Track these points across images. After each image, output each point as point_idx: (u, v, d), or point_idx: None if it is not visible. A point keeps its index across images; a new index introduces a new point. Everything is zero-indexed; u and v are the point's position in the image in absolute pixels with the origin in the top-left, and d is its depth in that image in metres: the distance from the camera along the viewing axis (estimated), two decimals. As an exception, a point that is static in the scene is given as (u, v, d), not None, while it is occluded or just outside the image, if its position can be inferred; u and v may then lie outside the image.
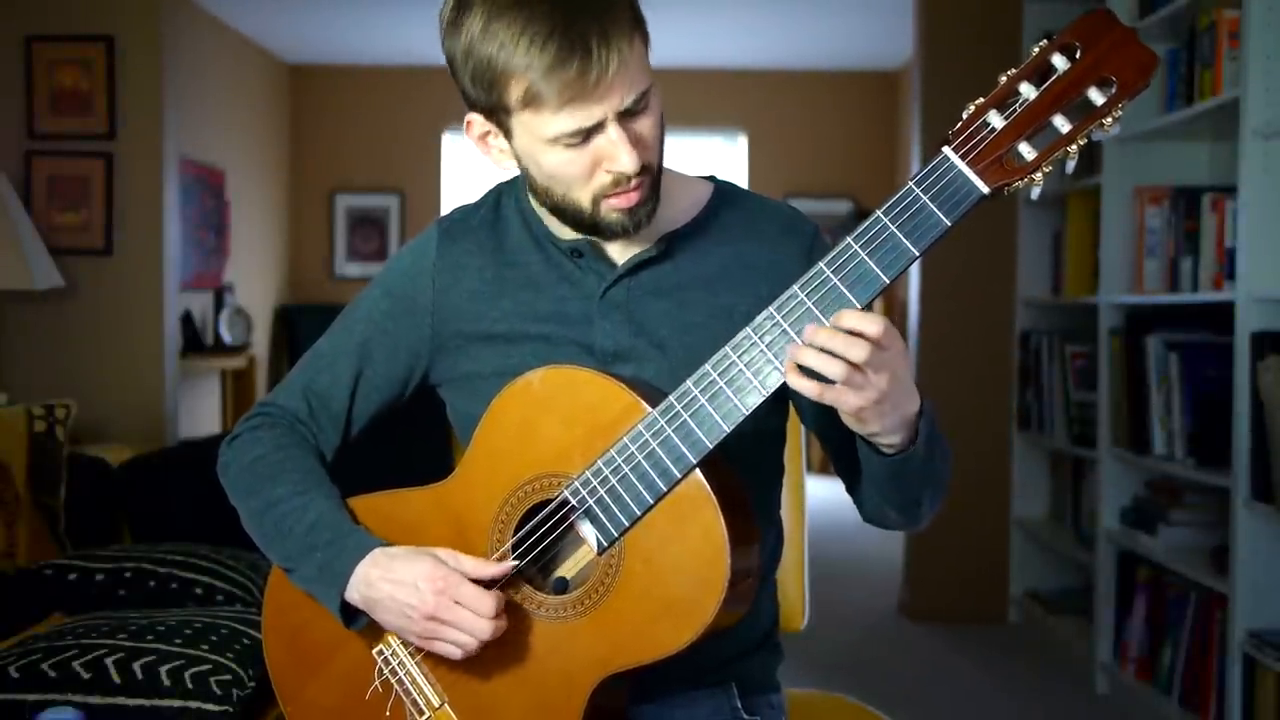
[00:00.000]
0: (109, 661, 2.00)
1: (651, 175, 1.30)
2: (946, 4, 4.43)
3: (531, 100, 1.22)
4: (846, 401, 1.14)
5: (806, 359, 1.13)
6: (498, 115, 1.28)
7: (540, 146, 1.26)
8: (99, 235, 4.05)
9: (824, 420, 1.36)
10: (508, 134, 1.29)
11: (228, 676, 2.01)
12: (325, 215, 8.11)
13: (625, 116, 1.24)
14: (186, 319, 6.07)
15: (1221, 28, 3.01)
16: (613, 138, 1.24)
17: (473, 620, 1.24)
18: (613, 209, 1.29)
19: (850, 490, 1.38)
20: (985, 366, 4.42)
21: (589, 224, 1.31)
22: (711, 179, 1.45)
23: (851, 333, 1.13)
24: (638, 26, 1.24)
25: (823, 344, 1.12)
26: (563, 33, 1.18)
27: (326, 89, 8.03)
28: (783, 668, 1.50)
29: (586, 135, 1.24)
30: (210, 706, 1.98)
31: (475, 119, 1.32)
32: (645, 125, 1.27)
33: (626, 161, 1.24)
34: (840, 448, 1.35)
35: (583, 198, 1.29)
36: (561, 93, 1.20)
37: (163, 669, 2.00)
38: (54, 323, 4.02)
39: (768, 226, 1.40)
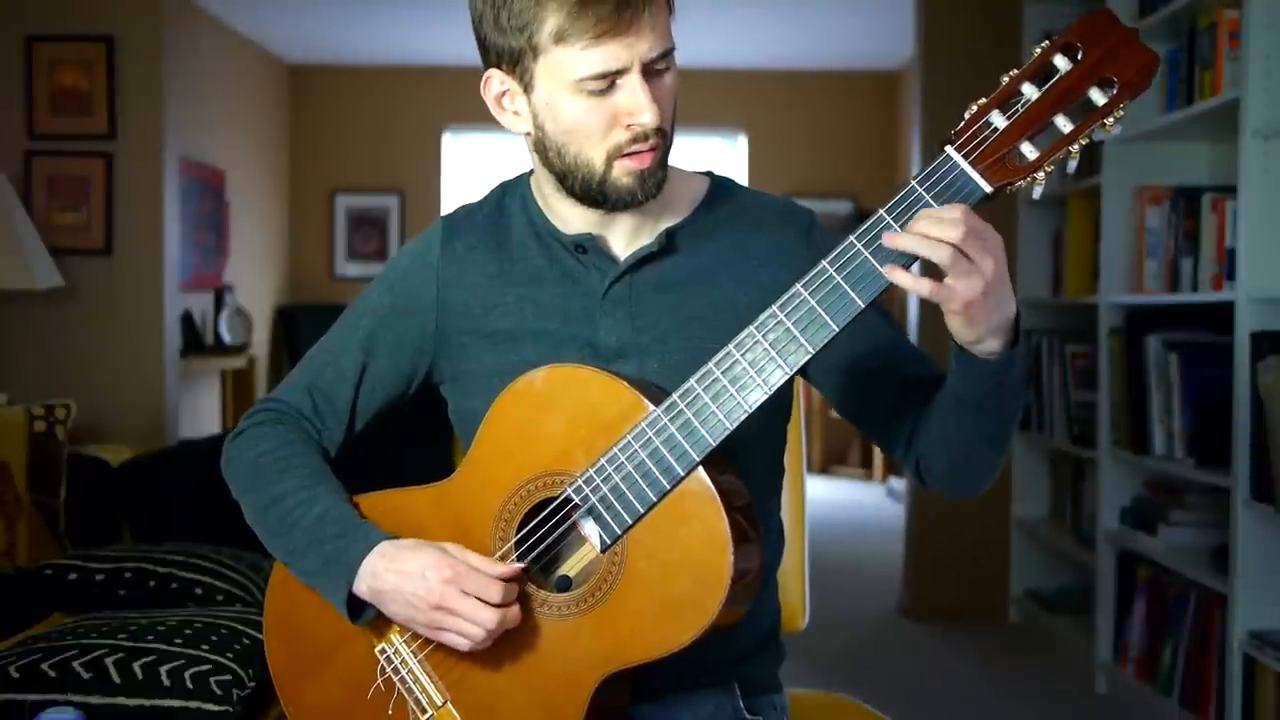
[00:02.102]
0: (109, 661, 2.00)
1: (665, 144, 1.31)
2: (946, 4, 4.43)
3: (563, 35, 1.24)
4: (957, 292, 1.13)
5: (906, 243, 1.13)
6: (523, 63, 1.29)
7: (562, 94, 1.27)
8: (99, 235, 4.05)
9: (865, 392, 1.37)
10: (529, 86, 1.30)
11: (228, 676, 2.01)
12: (325, 215, 8.11)
13: (648, 74, 1.26)
14: (186, 319, 6.07)
15: (1221, 28, 3.01)
16: (635, 87, 1.25)
17: (480, 610, 1.24)
18: (625, 171, 1.29)
19: (909, 453, 1.35)
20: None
21: (598, 188, 1.31)
22: (708, 174, 1.46)
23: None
24: None
25: (922, 230, 1.12)
26: None
27: (326, 89, 8.03)
28: (783, 668, 1.50)
29: (610, 84, 1.25)
30: (210, 706, 1.98)
31: (495, 75, 1.33)
32: (665, 88, 1.29)
33: (647, 115, 1.26)
34: (890, 411, 1.35)
35: (596, 156, 1.29)
36: (594, 27, 1.22)
37: (163, 669, 2.00)
38: (54, 323, 4.02)
39: (764, 216, 1.41)
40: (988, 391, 1.24)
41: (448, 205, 7.90)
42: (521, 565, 1.27)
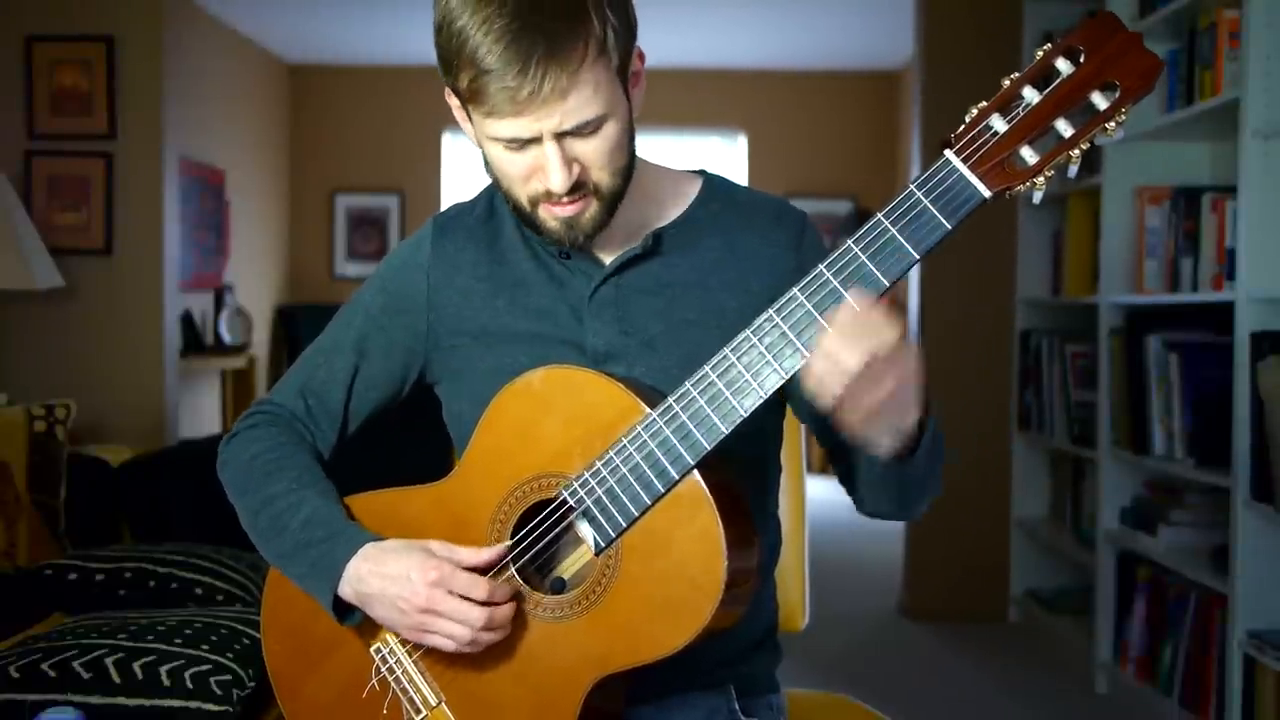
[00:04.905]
0: (109, 661, 2.01)
1: (595, 193, 1.28)
2: (946, 4, 4.43)
3: (473, 96, 1.23)
4: (847, 406, 1.14)
5: (815, 365, 1.13)
6: (458, 96, 1.28)
7: (485, 139, 1.28)
8: (99, 235, 4.05)
9: (819, 415, 1.37)
10: (468, 117, 1.30)
11: (228, 676, 2.01)
12: (325, 215, 8.12)
13: (565, 136, 1.23)
14: (186, 319, 6.07)
15: (1221, 28, 3.01)
16: (547, 153, 1.23)
17: (466, 609, 1.24)
18: (550, 215, 1.29)
19: (844, 483, 1.39)
20: (985, 367, 4.43)
21: (529, 224, 1.32)
22: (701, 172, 1.45)
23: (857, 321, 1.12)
24: (601, 55, 1.21)
25: (826, 350, 1.12)
26: (512, 42, 1.17)
27: (326, 89, 8.03)
28: (783, 668, 1.50)
29: (523, 144, 1.24)
30: (210, 706, 1.98)
31: (451, 95, 1.32)
32: (589, 148, 1.25)
33: (555, 180, 1.24)
34: (837, 442, 1.35)
35: (522, 198, 1.30)
36: (493, 97, 1.20)
37: (163, 669, 2.00)
38: (54, 323, 4.02)
39: (757, 219, 1.41)
40: (881, 479, 1.27)
41: (447, 205, 7.90)
42: (508, 544, 1.26)
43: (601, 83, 1.22)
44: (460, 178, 8.10)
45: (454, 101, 1.31)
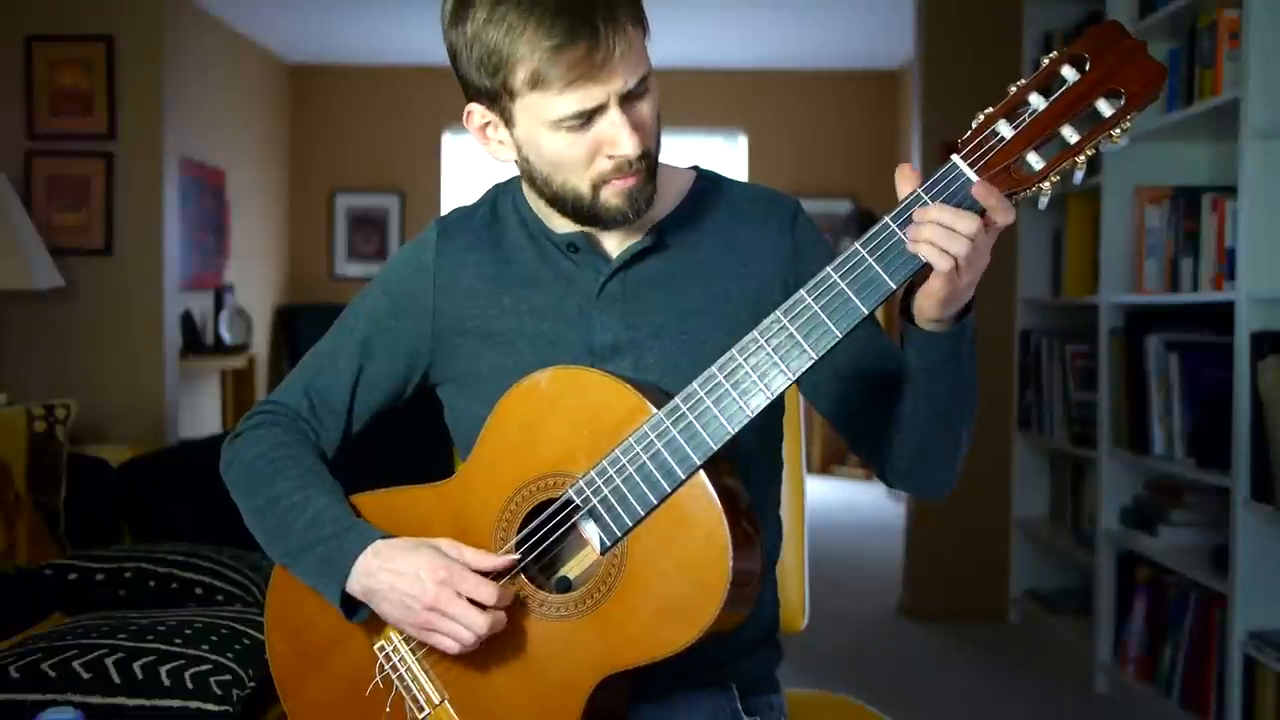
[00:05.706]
0: (109, 661, 2.01)
1: (650, 162, 1.31)
2: (946, 4, 4.43)
3: (537, 81, 1.24)
4: (960, 282, 1.15)
5: (927, 234, 1.13)
6: (501, 102, 1.29)
7: (542, 131, 1.27)
8: (99, 235, 4.05)
9: (845, 394, 1.37)
10: (509, 122, 1.31)
11: (228, 676, 2.02)
12: (325, 215, 8.12)
13: (626, 101, 1.26)
14: (186, 319, 6.07)
15: (1221, 28, 3.01)
16: (614, 121, 1.25)
17: (472, 613, 1.24)
18: (613, 194, 1.30)
19: (877, 456, 1.37)
20: (985, 366, 4.39)
21: (588, 212, 1.32)
22: (694, 169, 1.46)
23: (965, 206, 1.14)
24: (639, 15, 1.27)
25: (948, 223, 1.13)
26: (570, 14, 1.21)
27: (326, 89, 8.03)
28: (783, 668, 1.50)
29: (589, 118, 1.25)
30: (210, 706, 1.98)
31: (476, 109, 1.33)
32: (645, 110, 1.29)
33: (628, 145, 1.26)
34: (866, 414, 1.36)
35: (582, 184, 1.30)
36: (567, 72, 1.22)
37: (163, 669, 2.00)
38: (54, 323, 4.01)
39: (750, 208, 1.42)
40: (939, 362, 1.25)
41: (447, 205, 7.90)
42: (517, 556, 1.27)
43: (641, 41, 1.27)
44: (460, 178, 8.10)
45: (485, 117, 1.32)
